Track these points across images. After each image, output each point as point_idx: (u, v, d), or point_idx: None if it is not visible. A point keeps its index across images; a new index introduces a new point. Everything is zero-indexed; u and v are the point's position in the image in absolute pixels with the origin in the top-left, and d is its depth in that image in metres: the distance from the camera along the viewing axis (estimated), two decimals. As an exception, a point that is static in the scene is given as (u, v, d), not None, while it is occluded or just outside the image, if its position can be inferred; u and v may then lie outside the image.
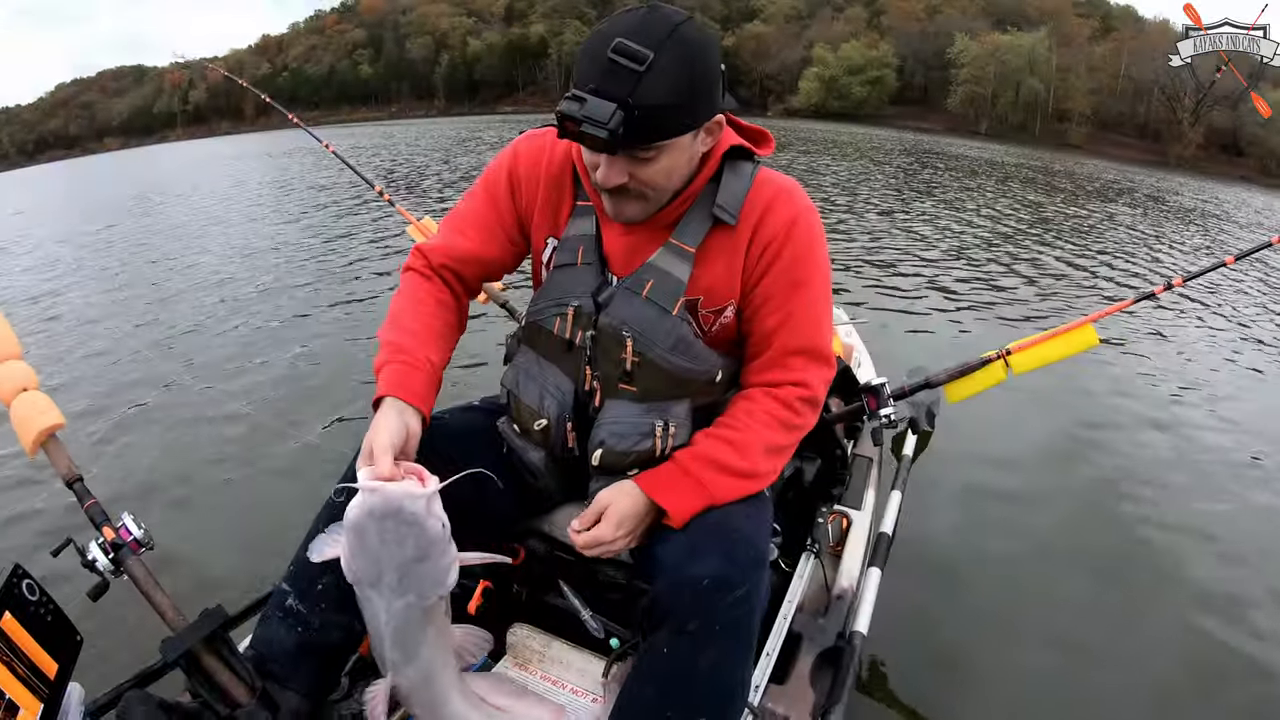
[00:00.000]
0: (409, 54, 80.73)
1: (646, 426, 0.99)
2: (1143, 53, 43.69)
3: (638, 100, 0.78)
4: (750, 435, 0.97)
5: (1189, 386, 3.77)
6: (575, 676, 1.21)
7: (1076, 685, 1.70)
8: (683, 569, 0.91)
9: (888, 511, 1.68)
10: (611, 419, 1.00)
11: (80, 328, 4.69)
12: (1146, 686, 1.71)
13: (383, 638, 0.87)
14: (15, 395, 1.16)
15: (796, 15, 64.53)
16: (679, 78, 0.80)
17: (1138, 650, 1.82)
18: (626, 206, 0.92)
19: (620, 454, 1.00)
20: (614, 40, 0.78)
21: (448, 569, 0.85)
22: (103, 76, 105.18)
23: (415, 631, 0.87)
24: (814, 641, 1.25)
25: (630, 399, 0.99)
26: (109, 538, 1.07)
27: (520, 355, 1.10)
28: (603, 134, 0.77)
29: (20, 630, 0.88)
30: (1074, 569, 2.14)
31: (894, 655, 1.69)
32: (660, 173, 0.88)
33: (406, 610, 0.85)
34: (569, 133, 0.81)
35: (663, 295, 0.96)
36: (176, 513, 2.39)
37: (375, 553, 0.81)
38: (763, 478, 0.99)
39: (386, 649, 0.88)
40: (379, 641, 0.89)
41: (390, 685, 0.91)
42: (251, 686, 1.00)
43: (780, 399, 0.99)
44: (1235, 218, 12.77)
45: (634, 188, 0.88)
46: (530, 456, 1.08)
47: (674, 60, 0.79)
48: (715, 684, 0.88)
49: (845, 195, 10.32)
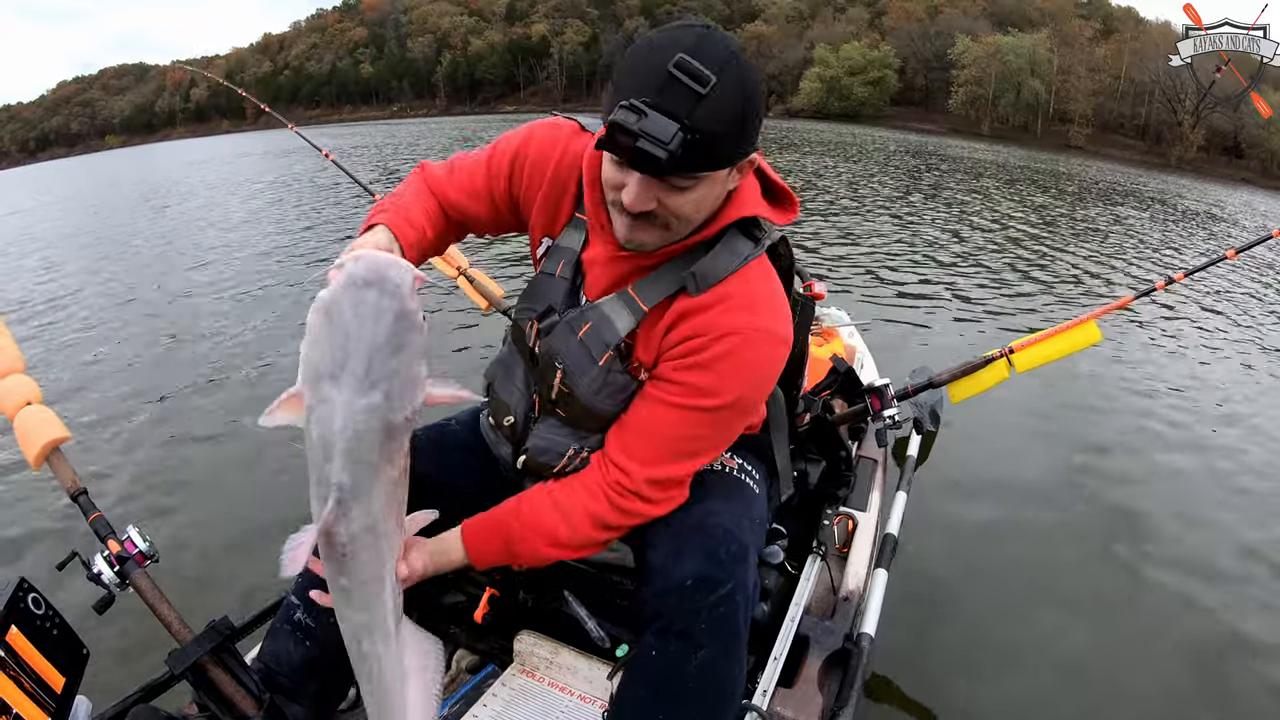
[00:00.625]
0: (410, 53, 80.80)
1: (563, 447, 1.00)
2: (1144, 54, 43.68)
3: (695, 124, 0.72)
4: (576, 503, 0.95)
5: (1194, 382, 3.78)
6: (583, 683, 1.21)
7: (1084, 686, 1.70)
8: (667, 571, 0.92)
9: (893, 513, 1.68)
10: (538, 433, 1.02)
11: (82, 337, 4.68)
12: (1155, 688, 1.71)
13: (331, 452, 0.69)
14: (19, 409, 1.16)
15: (798, 15, 64.61)
16: (734, 107, 0.74)
17: (1145, 650, 1.83)
18: (644, 233, 0.84)
19: (541, 464, 1.02)
20: (676, 55, 0.71)
21: (421, 378, 0.72)
22: (104, 74, 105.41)
23: (371, 454, 0.70)
24: (821, 644, 1.24)
25: (558, 421, 1.00)
26: (114, 551, 1.07)
27: (506, 348, 1.10)
28: (661, 154, 0.71)
29: (26, 644, 0.88)
30: (1080, 567, 2.15)
31: (901, 657, 1.69)
32: (690, 204, 0.81)
33: (369, 415, 0.68)
34: (618, 146, 0.73)
35: (596, 342, 0.94)
36: (182, 525, 2.38)
37: (345, 330, 0.67)
38: (579, 549, 0.98)
39: (334, 469, 0.70)
40: (323, 460, 0.70)
41: (324, 528, 0.72)
42: (258, 699, 1.01)
43: (608, 482, 0.95)
44: (1242, 222, 12.73)
45: (660, 214, 0.81)
46: (501, 451, 1.09)
47: (733, 87, 0.73)
48: (707, 683, 0.89)
49: (849, 198, 10.32)
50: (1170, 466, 2.83)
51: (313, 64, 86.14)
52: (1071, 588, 2.05)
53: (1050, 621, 1.90)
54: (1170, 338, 4.58)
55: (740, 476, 1.07)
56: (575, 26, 72.44)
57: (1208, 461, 2.89)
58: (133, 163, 29.34)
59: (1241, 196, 21.26)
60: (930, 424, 2.24)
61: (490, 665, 1.30)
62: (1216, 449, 3.01)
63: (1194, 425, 3.23)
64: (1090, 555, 2.23)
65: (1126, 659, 1.79)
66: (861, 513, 1.60)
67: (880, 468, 1.82)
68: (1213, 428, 3.23)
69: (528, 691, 1.22)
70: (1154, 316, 4.98)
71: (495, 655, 1.31)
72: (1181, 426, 3.20)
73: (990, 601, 1.96)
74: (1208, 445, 3.05)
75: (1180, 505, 2.52)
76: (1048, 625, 1.89)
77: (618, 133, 0.72)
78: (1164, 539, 2.32)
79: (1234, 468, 2.85)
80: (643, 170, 0.76)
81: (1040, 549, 2.22)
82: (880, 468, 1.82)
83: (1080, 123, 46.38)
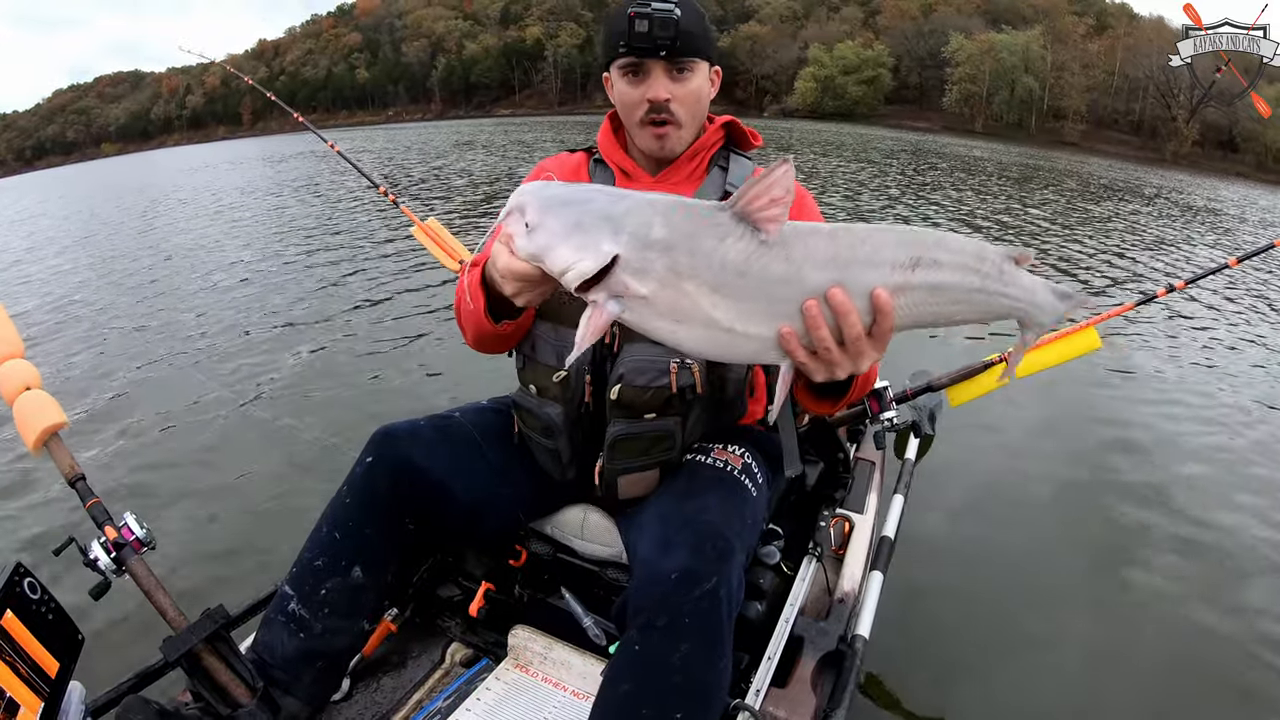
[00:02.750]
0: (405, 57, 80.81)
1: (663, 364, 1.01)
2: (1137, 50, 43.84)
3: (682, 14, 1.01)
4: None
5: (1193, 388, 3.76)
6: (577, 679, 1.21)
7: (1079, 689, 1.69)
8: (653, 565, 0.92)
9: (890, 515, 1.67)
10: (630, 357, 1.02)
11: (84, 327, 4.69)
12: (1150, 690, 1.71)
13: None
14: (18, 394, 1.16)
15: (792, 15, 64.66)
16: (698, 16, 1.05)
17: (1141, 653, 1.82)
18: (669, 137, 1.09)
19: (638, 389, 1.02)
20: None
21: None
22: (100, 82, 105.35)
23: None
24: (816, 645, 1.24)
25: (648, 341, 1.00)
26: (111, 537, 1.07)
27: (536, 327, 1.09)
28: (674, 17, 1.00)
29: (21, 629, 0.88)
30: (1077, 572, 2.14)
31: (896, 659, 1.69)
32: (692, 94, 1.08)
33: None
34: (637, 34, 1.01)
35: None
36: (179, 512, 2.38)
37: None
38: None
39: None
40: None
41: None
42: (252, 687, 1.00)
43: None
44: (1248, 217, 12.69)
45: (675, 109, 1.07)
46: (547, 411, 1.07)
47: (691, 7, 1.04)
48: (689, 678, 0.89)
49: (846, 198, 10.33)
50: (1170, 470, 2.81)
51: (308, 69, 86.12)
52: (1067, 592, 2.04)
53: (1045, 625, 1.90)
54: (1171, 341, 4.56)
55: (741, 478, 1.07)
56: (570, 29, 72.44)
57: (1208, 466, 2.87)
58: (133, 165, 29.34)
59: (1239, 191, 21.29)
60: (929, 427, 2.25)
61: (484, 659, 1.30)
62: (1217, 454, 3.00)
63: (1193, 430, 3.22)
64: (1087, 559, 2.21)
65: (1122, 662, 1.78)
66: (858, 515, 1.60)
67: (878, 470, 1.82)
68: (1213, 433, 3.21)
69: (521, 686, 1.21)
70: (1155, 322, 4.97)
71: (489, 649, 1.31)
72: (1181, 432, 3.18)
73: (985, 605, 1.95)
74: (1208, 450, 3.03)
75: (1179, 509, 2.50)
76: (1043, 629, 1.88)
77: (636, 23, 1.00)
78: (1163, 543, 2.31)
79: (1235, 471, 2.83)
80: (659, 47, 1.02)
81: (1037, 553, 2.21)
82: (878, 470, 1.82)
83: (1074, 119, 46.51)
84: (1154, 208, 12.25)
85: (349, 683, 1.21)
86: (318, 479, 2.43)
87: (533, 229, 0.69)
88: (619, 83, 1.09)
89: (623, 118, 1.13)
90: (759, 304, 0.67)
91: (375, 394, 3.30)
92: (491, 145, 20.09)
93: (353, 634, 1.09)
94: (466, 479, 1.10)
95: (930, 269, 0.68)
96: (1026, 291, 0.72)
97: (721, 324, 0.67)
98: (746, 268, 0.66)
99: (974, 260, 0.69)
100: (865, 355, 0.69)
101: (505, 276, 0.78)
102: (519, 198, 0.71)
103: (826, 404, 0.93)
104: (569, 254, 0.67)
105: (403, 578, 1.13)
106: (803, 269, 0.66)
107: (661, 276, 0.66)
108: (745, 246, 0.66)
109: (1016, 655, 1.78)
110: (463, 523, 1.12)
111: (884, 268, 0.67)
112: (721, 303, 0.67)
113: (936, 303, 0.70)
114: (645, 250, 0.66)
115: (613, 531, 1.17)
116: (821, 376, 0.71)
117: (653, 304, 0.67)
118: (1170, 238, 8.75)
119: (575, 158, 1.23)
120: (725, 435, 1.15)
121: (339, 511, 1.07)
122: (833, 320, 0.67)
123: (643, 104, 1.07)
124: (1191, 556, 2.25)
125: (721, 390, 1.09)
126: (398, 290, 5.10)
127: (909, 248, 0.67)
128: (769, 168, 0.65)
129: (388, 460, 1.07)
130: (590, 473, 1.10)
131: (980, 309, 0.71)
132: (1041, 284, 0.73)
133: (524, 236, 0.70)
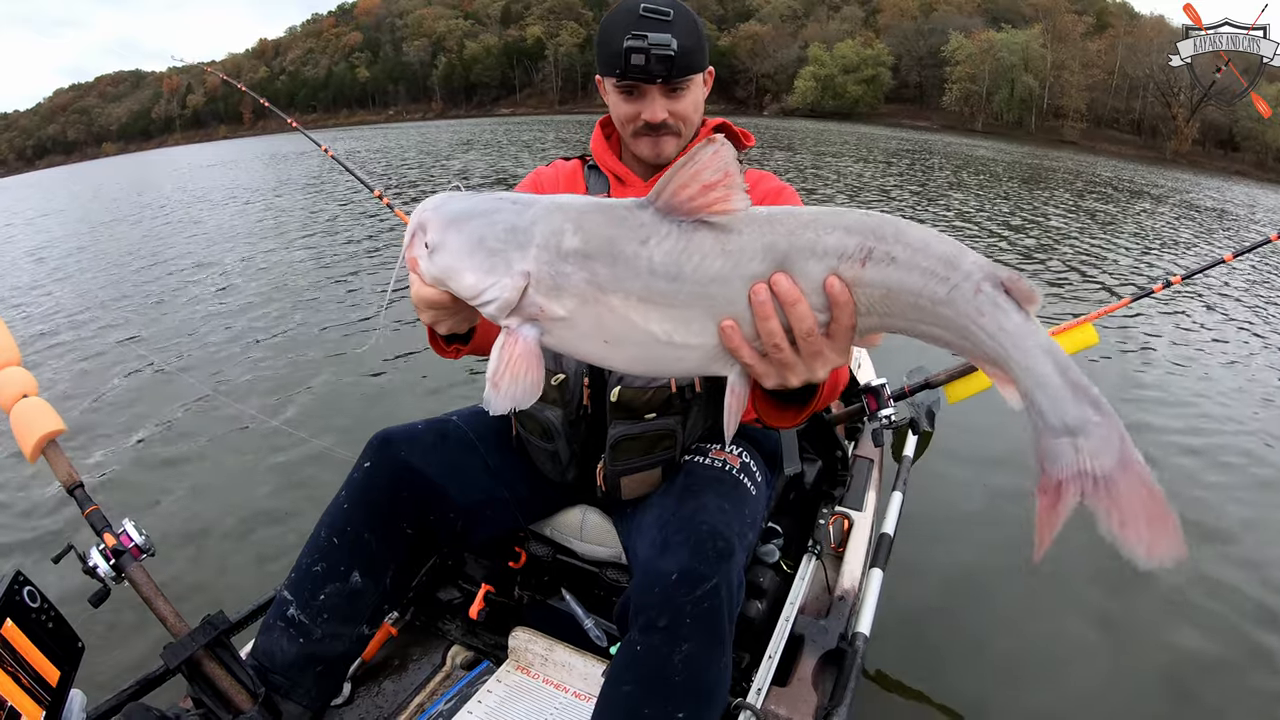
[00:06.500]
0: (406, 56, 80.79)
1: None
2: (1137, 49, 43.80)
3: (676, 38, 1.00)
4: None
5: (1190, 383, 3.77)
6: (578, 680, 1.21)
7: (1080, 686, 1.69)
8: (653, 565, 0.92)
9: (889, 512, 1.68)
10: None
11: (80, 334, 4.68)
12: (1150, 688, 1.71)
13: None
14: (15, 401, 1.16)
15: (792, 15, 64.63)
16: (692, 28, 1.03)
17: (1141, 651, 1.82)
18: (666, 145, 1.10)
19: (638, 390, 1.02)
20: (640, 4, 1.00)
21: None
22: (100, 82, 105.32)
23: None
24: (816, 643, 1.25)
25: None
26: (110, 544, 1.07)
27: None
28: (671, 51, 0.98)
29: (22, 637, 0.88)
30: (1076, 568, 2.14)
31: (896, 656, 1.69)
32: (689, 106, 1.08)
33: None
34: (633, 67, 0.99)
35: None
36: (178, 518, 2.38)
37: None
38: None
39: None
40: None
41: None
42: (253, 693, 1.00)
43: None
44: (1257, 216, 12.66)
45: (672, 123, 1.08)
46: (545, 414, 1.08)
47: (684, 16, 1.03)
48: (691, 678, 0.89)
49: (846, 197, 10.32)
50: (1170, 469, 2.80)
51: (309, 69, 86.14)
52: (1070, 588, 2.04)
53: (1045, 622, 1.90)
54: (1169, 339, 4.56)
55: (739, 477, 1.08)
56: (570, 28, 72.39)
57: (1209, 466, 2.87)
58: (133, 165, 29.33)
59: (1242, 190, 21.24)
60: (927, 424, 2.24)
61: (485, 662, 1.30)
62: (1217, 453, 2.99)
63: (1192, 428, 3.21)
64: (1087, 556, 2.20)
65: (1121, 660, 1.78)
66: (857, 512, 1.60)
67: (876, 467, 1.82)
68: (1212, 430, 3.20)
69: (522, 688, 1.21)
70: (1152, 318, 4.97)
71: (490, 652, 1.31)
72: (1180, 429, 3.18)
73: (985, 602, 1.95)
74: (1208, 448, 3.02)
75: (1179, 508, 2.49)
76: (1042, 625, 1.88)
77: (632, 54, 0.98)
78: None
79: (1234, 472, 2.83)
80: (655, 77, 1.01)
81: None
82: (876, 467, 1.82)
83: (1074, 118, 46.46)
84: (1166, 207, 12.22)
85: (350, 687, 1.21)
86: (316, 484, 2.43)
87: (433, 250, 0.61)
88: (614, 95, 1.08)
89: (617, 126, 1.14)
90: (696, 309, 0.58)
91: (373, 399, 3.30)
92: (492, 145, 20.06)
93: (352, 638, 1.09)
94: (465, 482, 1.10)
95: (883, 265, 0.56)
96: (1011, 337, 0.55)
97: (658, 337, 0.59)
98: (678, 271, 0.57)
99: (940, 265, 0.55)
100: (822, 357, 0.61)
101: (418, 306, 0.69)
102: (419, 215, 0.63)
103: (788, 414, 0.81)
104: (476, 278, 0.59)
105: (402, 581, 1.12)
106: (740, 262, 0.57)
107: (581, 292, 0.58)
108: (673, 246, 0.57)
109: (1016, 650, 1.78)
110: (462, 526, 1.12)
111: (830, 258, 0.56)
112: (654, 314, 0.58)
113: (892, 311, 0.58)
114: (558, 264, 0.58)
115: (612, 532, 1.17)
116: (772, 382, 0.63)
117: (574, 325, 0.59)
118: (1184, 239, 8.72)
119: (570, 165, 1.23)
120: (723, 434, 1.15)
121: (337, 516, 1.07)
122: (783, 314, 0.58)
123: (638, 120, 1.07)
124: (1194, 554, 2.25)
125: (721, 388, 1.09)
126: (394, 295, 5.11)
127: (860, 235, 0.56)
128: (694, 149, 0.56)
129: (386, 465, 1.07)
130: (590, 474, 1.10)
131: (954, 331, 0.57)
132: (1042, 339, 0.55)
133: (426, 259, 0.62)
